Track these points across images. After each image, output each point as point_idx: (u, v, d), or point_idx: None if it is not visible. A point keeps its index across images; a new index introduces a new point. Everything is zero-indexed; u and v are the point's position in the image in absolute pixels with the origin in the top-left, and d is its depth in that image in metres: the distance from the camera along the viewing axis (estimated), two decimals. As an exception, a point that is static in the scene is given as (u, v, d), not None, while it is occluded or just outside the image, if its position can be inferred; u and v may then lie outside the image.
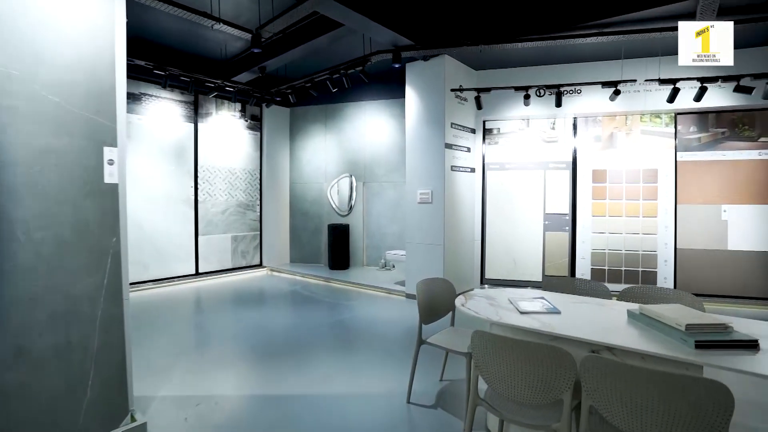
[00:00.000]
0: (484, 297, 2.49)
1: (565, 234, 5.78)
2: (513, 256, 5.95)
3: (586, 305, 2.31)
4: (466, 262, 5.74)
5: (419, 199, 5.43)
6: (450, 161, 5.34)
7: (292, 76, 6.20)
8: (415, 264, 5.47)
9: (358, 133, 7.45)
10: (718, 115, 5.35)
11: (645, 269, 5.47)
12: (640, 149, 5.52)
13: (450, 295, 2.88)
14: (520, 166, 5.93)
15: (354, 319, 4.56)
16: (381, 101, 7.21)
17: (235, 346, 3.71)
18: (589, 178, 5.69)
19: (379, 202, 7.36)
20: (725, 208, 5.30)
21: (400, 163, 7.04)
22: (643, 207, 5.50)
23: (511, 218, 5.94)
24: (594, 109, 5.43)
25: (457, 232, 5.50)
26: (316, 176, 7.81)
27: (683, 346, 1.68)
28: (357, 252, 7.48)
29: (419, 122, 5.39)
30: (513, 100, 5.57)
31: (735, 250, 5.26)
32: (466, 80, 5.52)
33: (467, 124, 5.70)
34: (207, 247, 6.73)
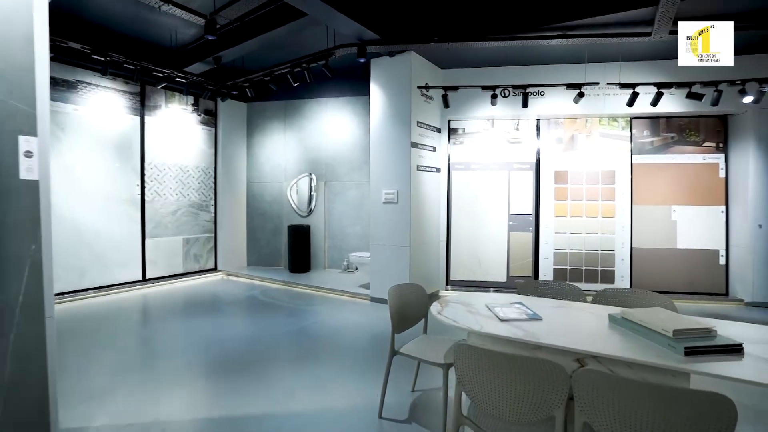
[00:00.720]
0: (460, 303, 2.35)
1: (529, 234, 5.83)
2: (478, 256, 5.93)
3: (565, 310, 2.24)
4: (431, 263, 5.65)
5: (384, 199, 5.27)
6: (416, 160, 5.22)
7: (250, 68, 5.84)
8: (380, 266, 5.30)
9: (319, 131, 7.18)
10: (668, 121, 5.60)
11: (604, 268, 5.63)
12: (599, 151, 5.67)
13: (422, 301, 2.73)
14: (485, 167, 5.92)
15: (317, 326, 4.31)
16: (344, 98, 6.98)
17: (186, 361, 3.36)
18: (551, 179, 5.78)
19: (342, 202, 7.13)
20: (675, 208, 5.56)
21: (364, 162, 6.86)
22: (601, 208, 5.65)
23: (476, 219, 5.92)
24: (556, 111, 5.51)
25: (422, 233, 5.39)
26: (275, 175, 7.45)
27: (671, 352, 1.61)
28: (318, 254, 7.21)
29: (384, 120, 5.22)
30: (479, 100, 5.54)
31: (683, 249, 5.53)
32: (432, 78, 5.43)
33: (433, 123, 5.61)
34: (155, 251, 6.21)
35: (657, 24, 3.92)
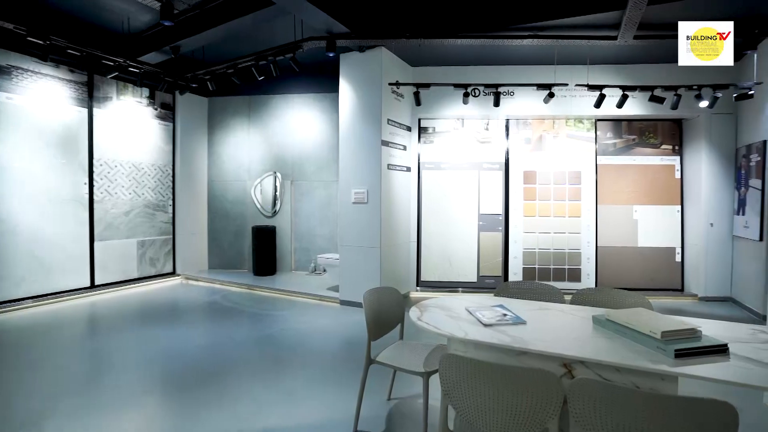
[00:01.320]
0: (439, 308, 2.24)
1: (499, 234, 5.85)
2: (448, 257, 5.88)
3: (547, 312, 2.17)
4: (402, 264, 5.54)
5: (354, 199, 5.11)
6: (386, 159, 5.09)
7: (212, 60, 5.51)
8: (349, 268, 5.13)
9: (286, 129, 6.91)
10: (629, 123, 5.78)
11: (571, 266, 5.73)
12: (565, 152, 5.77)
13: (399, 305, 2.61)
14: (455, 166, 5.89)
15: (285, 333, 4.09)
16: (311, 95, 6.76)
17: (138, 377, 3.06)
18: (520, 179, 5.83)
19: (309, 202, 6.90)
20: (636, 208, 5.75)
21: (332, 161, 6.67)
22: (568, 207, 5.76)
23: (447, 219, 5.88)
24: (525, 111, 5.56)
25: (393, 233, 5.28)
26: (238, 174, 7.11)
27: (661, 355, 1.57)
28: (285, 256, 6.94)
29: (354, 117, 5.07)
30: (449, 99, 5.49)
31: (644, 247, 5.73)
32: (403, 76, 5.33)
33: (403, 121, 5.51)
34: (106, 255, 5.73)
35: (623, 28, 4.00)
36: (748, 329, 1.92)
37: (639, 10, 3.63)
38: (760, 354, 1.59)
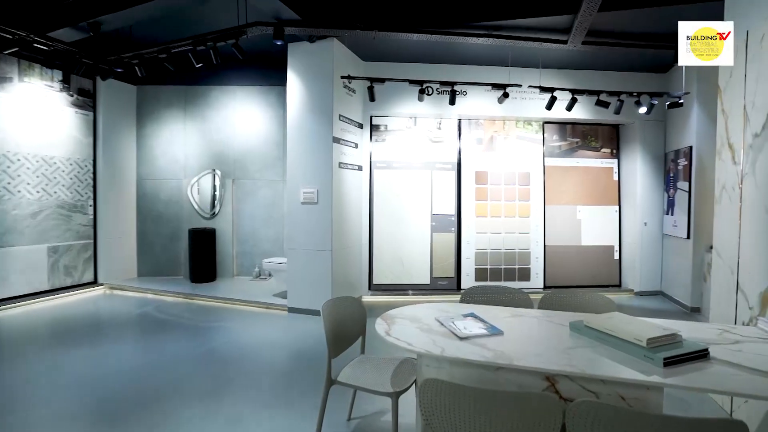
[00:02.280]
0: (407, 319, 2.04)
1: (452, 235, 5.81)
2: (401, 258, 5.74)
3: (521, 320, 2.06)
4: (354, 268, 5.30)
5: (303, 199, 4.79)
6: (338, 157, 4.83)
7: (141, 42, 4.89)
8: (298, 273, 4.80)
9: (227, 123, 6.39)
10: (573, 127, 6.00)
11: (521, 266, 5.83)
12: (515, 153, 5.86)
13: (361, 317, 2.37)
14: (407, 166, 5.76)
15: (229, 347, 3.69)
16: (256, 87, 6.30)
17: (53, 409, 2.54)
18: (472, 180, 5.83)
19: (253, 202, 6.44)
20: (579, 208, 5.98)
21: (277, 159, 6.28)
22: (518, 208, 5.85)
23: (399, 220, 5.73)
24: (477, 111, 5.56)
25: (345, 235, 5.02)
26: (173, 171, 6.45)
27: (649, 364, 1.48)
28: (226, 260, 6.42)
29: (304, 112, 4.74)
30: (402, 96, 5.35)
31: (586, 245, 5.97)
32: (354, 70, 5.08)
33: (355, 117, 5.27)
34: (6, 264, 4.90)
35: (573, 33, 4.08)
36: (715, 329, 1.93)
37: (590, 16, 3.71)
38: (737, 357, 1.57)
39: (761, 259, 2.32)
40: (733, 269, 2.58)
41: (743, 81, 2.53)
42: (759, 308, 2.34)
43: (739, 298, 2.52)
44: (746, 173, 2.47)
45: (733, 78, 2.64)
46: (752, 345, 1.72)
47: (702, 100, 4.78)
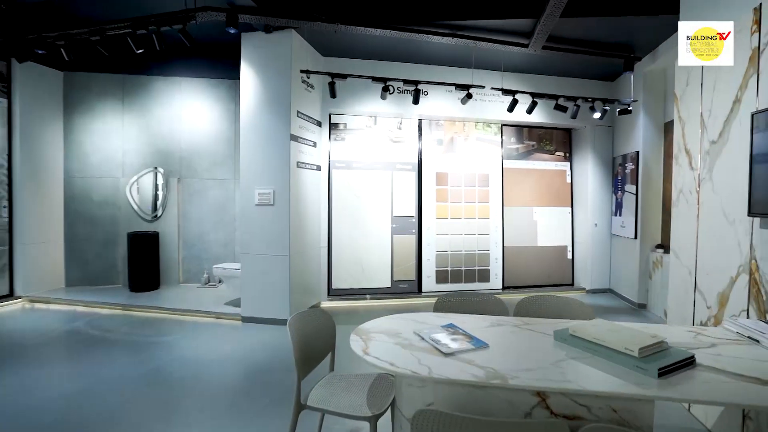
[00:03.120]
0: (384, 334, 1.88)
1: (412, 237, 5.72)
2: (361, 262, 5.57)
3: (503, 330, 1.96)
4: (312, 272, 5.06)
5: (258, 201, 4.48)
6: (296, 156, 4.57)
7: (68, 19, 4.31)
8: (252, 279, 4.48)
9: (172, 117, 5.88)
10: (530, 130, 6.14)
11: (480, 267, 5.87)
12: (475, 155, 5.89)
13: (330, 331, 2.18)
14: (367, 166, 5.60)
15: (176, 365, 3.32)
16: (205, 80, 5.86)
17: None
18: (433, 181, 5.78)
19: (201, 203, 5.98)
20: (535, 210, 6.13)
21: (228, 157, 5.88)
22: (478, 209, 5.88)
23: (359, 222, 5.55)
24: (438, 112, 5.51)
25: (303, 238, 4.77)
26: (108, 169, 5.83)
27: (643, 375, 1.43)
28: (171, 267, 5.91)
29: (259, 107, 4.43)
30: (363, 94, 5.18)
31: (542, 246, 6.14)
32: (313, 65, 4.85)
33: (314, 115, 5.02)
34: None
35: (535, 37, 4.13)
36: (689, 333, 1.95)
37: (552, 20, 3.75)
38: (720, 362, 1.56)
39: (719, 261, 2.41)
40: (691, 270, 2.68)
41: (700, 90, 2.63)
42: (717, 307, 2.42)
43: (697, 297, 2.61)
44: (704, 178, 2.56)
45: (690, 87, 2.73)
46: (728, 348, 1.74)
47: (648, 108, 5.05)
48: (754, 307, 2.15)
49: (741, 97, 2.26)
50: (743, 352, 1.69)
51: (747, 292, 2.19)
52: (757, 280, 2.12)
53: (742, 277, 2.23)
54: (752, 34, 2.19)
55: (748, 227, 2.19)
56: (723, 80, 2.40)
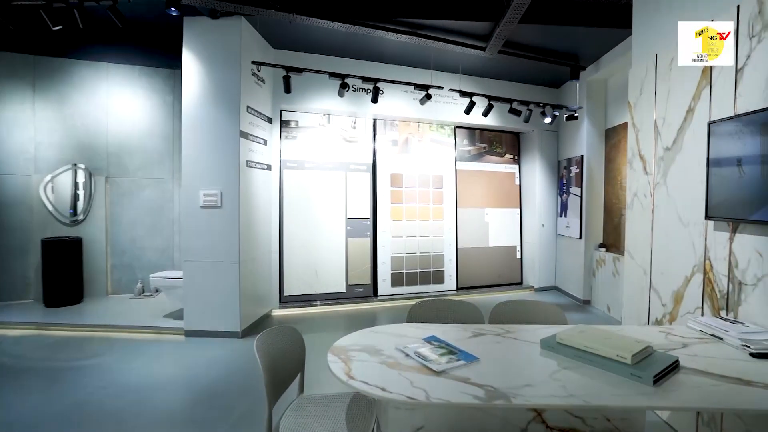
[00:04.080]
0: (365, 352, 1.72)
1: (367, 239, 5.58)
2: (315, 267, 5.32)
3: (485, 340, 1.88)
4: (263, 279, 4.73)
5: (203, 202, 4.08)
6: (245, 155, 4.23)
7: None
8: (197, 288, 4.08)
9: (97, 107, 5.23)
10: (481, 132, 6.26)
11: (435, 269, 5.87)
12: (429, 156, 5.87)
13: (299, 350, 1.97)
14: (320, 166, 5.37)
15: (107, 394, 2.88)
16: (138, 67, 5.29)
17: None
18: (387, 182, 5.68)
19: (133, 205, 5.39)
20: (487, 211, 6.26)
21: (166, 154, 5.36)
22: (432, 211, 5.88)
23: (312, 224, 5.31)
24: (393, 112, 5.42)
25: (254, 243, 4.44)
26: (16, 164, 5.05)
27: (639, 384, 1.41)
28: (96, 277, 5.25)
29: (204, 101, 4.04)
30: (316, 90, 4.96)
31: (493, 246, 6.28)
32: (264, 57, 4.53)
33: (264, 111, 4.70)
34: None
35: (493, 40, 4.16)
36: (658, 332, 2.00)
37: (511, 25, 3.80)
38: (699, 363, 1.59)
39: (674, 261, 2.53)
40: (646, 270, 2.80)
41: (653, 98, 2.76)
42: (672, 305, 2.55)
43: (653, 296, 2.74)
44: (658, 183, 2.69)
45: (644, 95, 2.87)
46: (699, 347, 1.79)
47: (591, 115, 5.34)
48: (709, 305, 2.27)
49: (694, 107, 2.39)
50: (714, 351, 1.75)
51: (701, 290, 2.32)
52: (711, 279, 2.25)
53: (696, 277, 2.35)
54: (705, 47, 2.32)
55: (702, 229, 2.31)
56: (676, 90, 2.53)
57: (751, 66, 2.03)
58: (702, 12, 2.37)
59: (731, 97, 2.13)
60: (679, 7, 2.58)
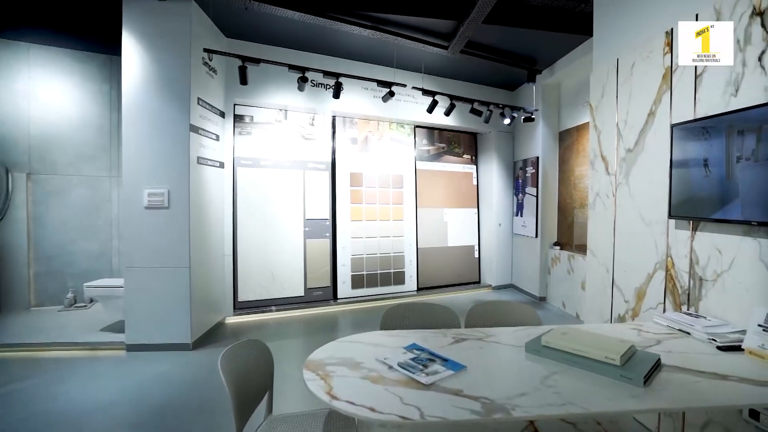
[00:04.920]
0: (345, 366, 1.58)
1: (326, 241, 5.39)
2: (271, 270, 5.06)
3: (467, 345, 1.80)
4: (216, 285, 4.40)
5: (148, 203, 3.71)
6: (196, 151, 3.90)
7: None
8: (141, 297, 3.70)
9: (15, 93, 4.62)
10: (440, 132, 6.28)
11: (396, 270, 5.79)
12: (389, 155, 5.79)
13: (267, 366, 1.78)
14: (276, 164, 5.11)
15: (34, 426, 2.49)
16: (69, 51, 4.75)
17: None
18: (347, 181, 5.52)
19: (63, 205, 4.83)
20: (446, 211, 6.29)
21: (101, 149, 4.86)
22: (392, 211, 5.80)
23: (268, 226, 5.04)
24: (353, 109, 5.27)
25: (205, 246, 4.11)
26: None
27: (629, 385, 1.39)
28: (16, 287, 4.65)
29: (148, 90, 3.66)
30: (272, 84, 4.70)
31: (452, 246, 6.33)
32: (216, 46, 4.21)
33: (216, 104, 4.37)
34: None
35: (456, 39, 4.15)
36: (630, 329, 2.04)
37: (475, 24, 3.79)
38: (674, 359, 1.62)
39: (636, 259, 2.62)
40: (609, 268, 2.89)
41: (615, 101, 2.84)
42: (635, 301, 2.63)
43: (615, 293, 2.82)
44: (620, 183, 2.78)
45: (605, 98, 2.95)
46: (672, 343, 1.83)
47: (545, 118, 5.51)
48: (671, 300, 2.36)
49: (655, 110, 2.47)
50: (685, 346, 1.80)
51: (663, 286, 2.40)
52: (673, 276, 2.33)
53: (658, 273, 2.44)
54: (665, 55, 2.41)
55: (664, 228, 2.40)
56: (638, 94, 2.62)
57: (710, 72, 2.12)
58: (663, 19, 2.46)
59: (691, 101, 2.22)
60: (638, 14, 2.67)
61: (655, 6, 2.53)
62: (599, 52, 3.04)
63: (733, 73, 2.00)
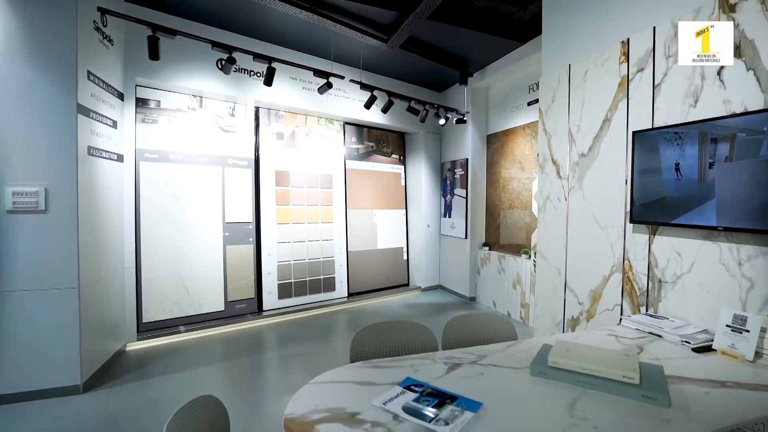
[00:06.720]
0: (336, 420, 1.24)
1: (250, 247, 4.81)
2: (185, 283, 4.34)
3: (466, 371, 1.58)
4: (114, 306, 3.59)
5: (14, 205, 2.84)
6: (87, 139, 3.10)
7: None
8: (8, 332, 2.81)
9: None
10: (369, 130, 6.05)
11: (325, 276, 5.42)
12: (318, 153, 5.39)
13: (223, 425, 1.35)
14: (190, 159, 4.40)
15: None
16: None
17: None
18: (272, 180, 4.99)
19: None
20: (375, 212, 6.09)
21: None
22: (321, 213, 5.41)
23: (180, 231, 4.32)
24: (278, 101, 4.78)
25: (101, 259, 3.31)
26: None
27: (655, 406, 1.30)
28: None
29: (13, 54, 2.77)
30: (186, 64, 4.02)
31: (382, 248, 6.15)
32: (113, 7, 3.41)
33: (114, 83, 3.56)
34: None
35: (398, 33, 3.95)
36: (606, 335, 2.02)
37: (421, 18, 3.63)
38: (669, 367, 1.59)
39: (591, 261, 2.67)
40: (561, 270, 2.93)
41: (567, 107, 2.89)
42: (590, 303, 2.69)
43: (568, 295, 2.87)
44: (573, 187, 2.82)
45: (556, 103, 2.98)
46: (653, 348, 1.83)
47: (474, 120, 5.61)
48: (628, 302, 2.43)
49: (611, 117, 2.53)
50: (665, 351, 1.81)
51: (621, 288, 2.47)
52: (631, 278, 2.41)
53: (615, 276, 2.51)
54: (620, 64, 2.48)
55: (620, 231, 2.47)
56: (592, 100, 2.67)
57: (668, 83, 2.20)
58: (619, 30, 2.52)
59: (649, 109, 2.30)
60: (592, 22, 2.73)
61: (610, 15, 2.60)
62: (549, 57, 3.07)
63: (692, 85, 2.09)
